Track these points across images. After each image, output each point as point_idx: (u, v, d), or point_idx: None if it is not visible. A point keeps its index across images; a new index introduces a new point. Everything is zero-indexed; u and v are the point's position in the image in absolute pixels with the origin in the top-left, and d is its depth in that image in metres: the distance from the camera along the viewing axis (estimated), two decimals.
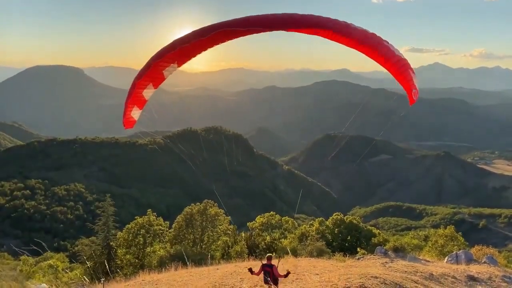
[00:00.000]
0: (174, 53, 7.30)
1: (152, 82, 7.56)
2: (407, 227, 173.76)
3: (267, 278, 10.92)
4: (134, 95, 7.27)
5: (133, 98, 7.24)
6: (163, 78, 7.89)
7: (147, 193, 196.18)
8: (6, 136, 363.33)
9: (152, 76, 7.41)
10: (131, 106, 7.34)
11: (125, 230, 32.46)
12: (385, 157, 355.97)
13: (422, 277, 15.51)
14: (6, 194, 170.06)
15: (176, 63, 7.73)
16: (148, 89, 7.65)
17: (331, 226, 34.85)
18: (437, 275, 16.00)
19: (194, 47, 7.40)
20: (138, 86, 7.28)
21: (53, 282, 5.20)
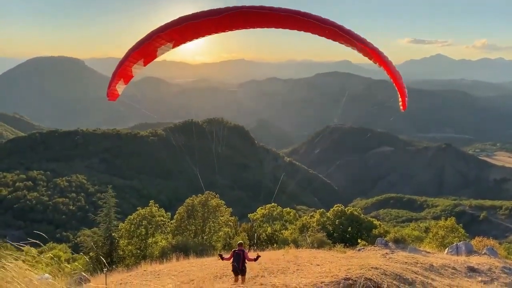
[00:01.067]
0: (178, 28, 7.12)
1: (144, 59, 7.47)
2: (408, 218, 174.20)
3: (237, 265, 11.34)
4: (124, 68, 7.17)
5: (122, 71, 7.17)
6: (155, 56, 7.75)
7: (148, 184, 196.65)
8: (7, 128, 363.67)
9: (145, 52, 7.29)
10: (118, 78, 7.29)
11: (127, 221, 32.63)
12: (386, 149, 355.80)
13: (423, 268, 15.59)
14: (9, 185, 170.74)
15: (173, 43, 7.45)
16: (138, 65, 7.56)
17: (332, 218, 34.96)
18: (437, 266, 16.08)
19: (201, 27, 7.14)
20: (130, 59, 7.16)
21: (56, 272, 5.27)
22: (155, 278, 14.16)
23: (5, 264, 4.79)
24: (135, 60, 7.21)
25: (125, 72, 7.20)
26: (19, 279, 4.56)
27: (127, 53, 7.21)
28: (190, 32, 7.24)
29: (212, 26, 7.09)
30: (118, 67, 7.17)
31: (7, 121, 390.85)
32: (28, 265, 5.03)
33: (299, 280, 12.34)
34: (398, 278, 13.54)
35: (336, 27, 7.80)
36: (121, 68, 7.13)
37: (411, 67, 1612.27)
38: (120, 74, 7.05)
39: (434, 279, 14.31)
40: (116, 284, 13.06)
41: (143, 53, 7.23)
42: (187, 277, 13.58)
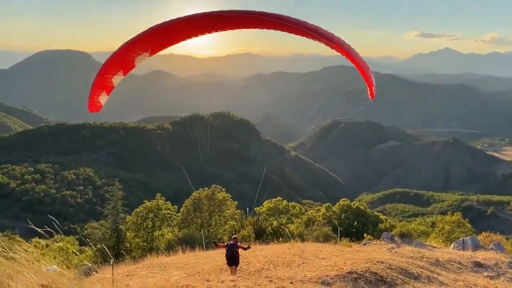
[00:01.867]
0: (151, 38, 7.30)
1: (122, 69, 7.55)
2: (414, 213, 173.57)
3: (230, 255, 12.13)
4: (104, 80, 7.22)
5: (102, 83, 7.23)
6: (133, 66, 7.88)
7: (155, 177, 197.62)
8: (16, 121, 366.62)
9: (123, 63, 7.39)
10: (100, 91, 7.33)
11: (134, 214, 32.90)
12: (393, 143, 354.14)
13: (428, 262, 15.58)
14: (17, 178, 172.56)
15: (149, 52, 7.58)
16: (118, 75, 7.64)
17: (338, 212, 34.97)
18: (443, 261, 16.05)
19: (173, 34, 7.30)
20: (109, 71, 7.25)
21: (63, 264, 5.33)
22: (161, 270, 14.29)
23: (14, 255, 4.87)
24: (114, 72, 7.28)
25: (105, 83, 7.27)
26: (29, 269, 4.64)
27: (105, 65, 7.30)
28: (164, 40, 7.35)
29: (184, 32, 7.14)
30: (97, 79, 7.24)
31: (15, 114, 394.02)
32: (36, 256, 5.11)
33: (304, 273, 12.40)
34: (404, 272, 13.56)
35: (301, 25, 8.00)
36: (100, 80, 7.18)
37: (419, 61, 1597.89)
38: (100, 86, 7.10)
39: (440, 274, 14.31)
40: (123, 276, 13.20)
41: (121, 64, 7.30)
42: (193, 269, 13.70)
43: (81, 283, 4.65)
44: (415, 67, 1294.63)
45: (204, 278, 11.24)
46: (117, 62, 7.18)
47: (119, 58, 7.29)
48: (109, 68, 7.14)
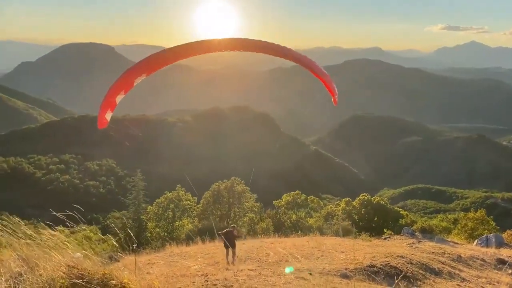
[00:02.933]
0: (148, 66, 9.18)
1: (123, 90, 8.99)
2: (436, 210, 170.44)
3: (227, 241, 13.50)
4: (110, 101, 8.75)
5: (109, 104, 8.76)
6: (132, 86, 9.35)
7: (175, 169, 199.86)
8: (42, 112, 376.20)
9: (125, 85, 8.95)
10: (106, 109, 8.79)
11: (155, 204, 33.45)
12: (415, 138, 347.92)
13: (450, 258, 15.33)
14: (43, 167, 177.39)
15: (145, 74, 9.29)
16: (120, 95, 9.04)
17: (358, 207, 34.69)
18: (466, 257, 15.78)
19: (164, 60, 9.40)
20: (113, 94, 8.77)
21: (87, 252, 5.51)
22: (181, 260, 14.50)
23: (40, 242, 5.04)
24: (118, 92, 8.84)
25: (111, 103, 8.79)
26: (56, 252, 4.79)
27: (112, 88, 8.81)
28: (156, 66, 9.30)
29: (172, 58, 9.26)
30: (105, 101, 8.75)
31: (41, 106, 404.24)
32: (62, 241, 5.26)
33: (324, 266, 12.39)
34: (425, 267, 13.40)
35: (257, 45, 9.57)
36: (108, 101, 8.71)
37: (444, 55, 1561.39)
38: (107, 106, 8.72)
39: (461, 270, 14.08)
40: (144, 264, 13.46)
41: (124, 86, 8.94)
42: (212, 259, 13.86)
43: (105, 267, 4.77)
44: (440, 61, 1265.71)
45: (223, 267, 11.37)
46: (122, 84, 8.79)
47: (123, 81, 8.84)
48: (115, 90, 8.70)
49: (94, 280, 4.22)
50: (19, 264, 4.66)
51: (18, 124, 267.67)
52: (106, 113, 8.66)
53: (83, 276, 4.23)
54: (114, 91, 8.46)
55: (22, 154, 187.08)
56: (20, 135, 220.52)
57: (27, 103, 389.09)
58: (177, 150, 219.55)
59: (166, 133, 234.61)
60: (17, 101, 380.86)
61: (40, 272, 4.30)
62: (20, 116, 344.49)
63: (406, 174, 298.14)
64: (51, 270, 4.30)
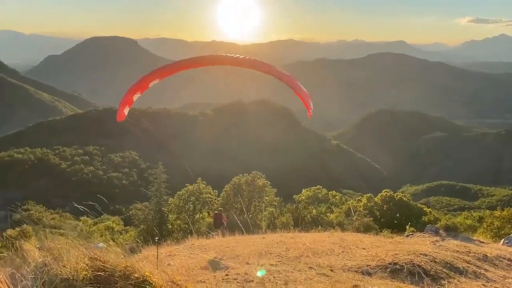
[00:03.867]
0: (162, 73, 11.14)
1: (140, 90, 10.73)
2: (460, 207, 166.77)
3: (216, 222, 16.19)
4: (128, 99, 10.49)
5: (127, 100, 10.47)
6: (148, 87, 11.18)
7: (196, 162, 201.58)
8: (67, 105, 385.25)
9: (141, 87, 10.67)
10: (124, 105, 10.53)
11: (176, 197, 33.85)
12: (440, 134, 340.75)
13: (475, 257, 14.94)
14: (67, 159, 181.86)
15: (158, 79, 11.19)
16: (136, 95, 10.85)
17: (380, 203, 34.21)
18: (492, 257, 15.34)
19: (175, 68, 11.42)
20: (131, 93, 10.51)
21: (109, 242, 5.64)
22: (202, 252, 14.60)
23: (65, 230, 5.13)
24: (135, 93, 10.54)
25: (129, 100, 10.44)
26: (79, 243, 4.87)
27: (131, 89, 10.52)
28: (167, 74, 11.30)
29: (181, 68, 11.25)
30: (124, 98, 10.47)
31: (66, 98, 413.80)
32: (85, 233, 5.34)
33: (344, 262, 12.25)
34: (449, 266, 13.09)
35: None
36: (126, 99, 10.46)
37: (471, 49, 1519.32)
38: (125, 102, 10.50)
39: (487, 270, 13.70)
40: (165, 255, 13.60)
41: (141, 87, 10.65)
42: (232, 252, 13.89)
43: (127, 259, 4.81)
44: (467, 55, 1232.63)
45: (243, 261, 11.37)
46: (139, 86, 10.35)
47: (141, 84, 10.45)
48: (133, 90, 10.39)
49: (116, 272, 4.26)
50: (44, 254, 4.75)
51: (45, 116, 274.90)
52: (124, 108, 10.15)
53: (105, 268, 4.28)
54: (132, 91, 9.97)
55: (48, 145, 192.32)
56: (46, 127, 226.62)
57: (53, 96, 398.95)
58: (198, 143, 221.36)
59: (188, 127, 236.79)
60: (43, 94, 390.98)
61: (64, 263, 4.37)
62: (47, 108, 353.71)
63: (430, 170, 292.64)
64: (74, 262, 4.37)
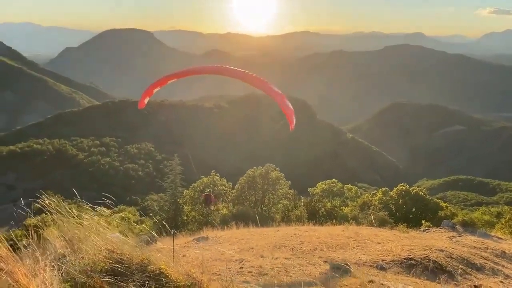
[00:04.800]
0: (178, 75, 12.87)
1: (160, 86, 12.56)
2: (478, 202, 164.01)
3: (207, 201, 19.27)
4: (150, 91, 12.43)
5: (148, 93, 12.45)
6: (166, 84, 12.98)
7: (211, 154, 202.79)
8: (84, 96, 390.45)
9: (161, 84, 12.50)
10: (145, 96, 12.47)
11: (191, 188, 34.10)
12: (458, 128, 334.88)
13: (493, 254, 14.71)
14: (85, 150, 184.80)
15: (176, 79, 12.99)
16: (156, 89, 12.73)
17: (396, 197, 33.86)
18: (510, 253, 15.09)
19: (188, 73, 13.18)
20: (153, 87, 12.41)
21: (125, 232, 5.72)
22: (216, 244, 14.70)
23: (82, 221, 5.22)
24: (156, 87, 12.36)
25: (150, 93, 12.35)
26: (96, 234, 4.95)
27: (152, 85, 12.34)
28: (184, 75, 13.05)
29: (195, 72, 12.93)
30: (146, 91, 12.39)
31: (84, 90, 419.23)
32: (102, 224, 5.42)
33: (359, 257, 12.20)
34: (466, 262, 12.93)
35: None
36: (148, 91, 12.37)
37: (492, 41, 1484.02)
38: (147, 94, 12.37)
39: (505, 266, 13.49)
40: (180, 247, 13.74)
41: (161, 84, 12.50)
42: (247, 244, 13.94)
43: (143, 251, 4.86)
44: (487, 47, 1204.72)
45: (258, 254, 11.41)
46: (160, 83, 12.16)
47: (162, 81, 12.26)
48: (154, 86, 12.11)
49: (133, 265, 4.32)
50: (63, 245, 4.84)
51: (62, 108, 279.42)
52: (145, 98, 12.21)
53: (122, 261, 4.34)
54: (154, 85, 11.98)
55: (66, 136, 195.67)
56: (64, 118, 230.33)
57: (71, 88, 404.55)
58: (213, 135, 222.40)
59: (203, 119, 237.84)
60: (61, 86, 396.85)
61: (82, 254, 4.45)
62: (65, 100, 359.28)
63: (447, 164, 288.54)
64: (92, 254, 4.44)
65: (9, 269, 3.77)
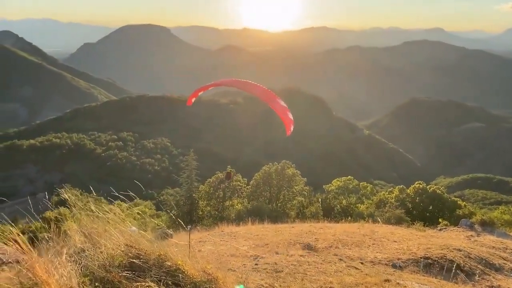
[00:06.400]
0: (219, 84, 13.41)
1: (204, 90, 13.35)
2: (497, 201, 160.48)
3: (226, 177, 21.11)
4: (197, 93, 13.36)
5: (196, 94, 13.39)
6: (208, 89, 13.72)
7: (227, 149, 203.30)
8: (102, 91, 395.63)
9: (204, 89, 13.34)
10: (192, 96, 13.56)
11: (206, 183, 34.31)
12: (477, 125, 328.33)
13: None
14: (103, 144, 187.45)
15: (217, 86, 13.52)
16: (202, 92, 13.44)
17: (412, 195, 33.43)
18: None
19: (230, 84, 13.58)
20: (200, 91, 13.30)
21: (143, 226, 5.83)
22: (231, 239, 14.78)
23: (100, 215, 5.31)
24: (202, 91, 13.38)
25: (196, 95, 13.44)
26: (114, 228, 5.03)
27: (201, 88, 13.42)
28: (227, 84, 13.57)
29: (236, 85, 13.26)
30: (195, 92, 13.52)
31: (101, 85, 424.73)
32: (121, 218, 5.50)
33: (375, 255, 12.11)
34: (484, 262, 12.72)
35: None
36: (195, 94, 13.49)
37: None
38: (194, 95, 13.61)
39: None
40: (195, 242, 13.85)
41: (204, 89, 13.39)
42: (261, 241, 13.98)
43: (160, 246, 4.92)
44: (509, 42, 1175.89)
45: (272, 250, 11.43)
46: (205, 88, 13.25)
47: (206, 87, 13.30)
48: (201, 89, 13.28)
49: (150, 260, 4.38)
50: (83, 240, 4.93)
51: (81, 103, 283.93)
52: (192, 98, 13.86)
53: (139, 256, 4.40)
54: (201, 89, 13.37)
55: (84, 131, 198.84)
56: (82, 113, 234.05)
57: (89, 83, 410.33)
58: (229, 131, 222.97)
59: (219, 115, 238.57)
60: (80, 81, 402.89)
61: (101, 249, 4.52)
62: (83, 95, 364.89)
63: (465, 162, 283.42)
64: (111, 248, 4.52)
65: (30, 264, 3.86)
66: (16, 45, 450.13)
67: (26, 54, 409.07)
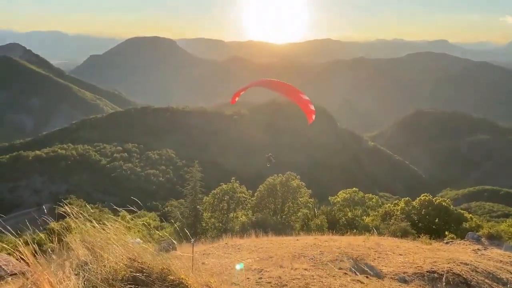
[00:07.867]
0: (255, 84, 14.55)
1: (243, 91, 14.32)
2: (505, 214, 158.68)
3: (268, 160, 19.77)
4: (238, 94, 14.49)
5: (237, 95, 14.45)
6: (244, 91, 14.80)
7: (231, 161, 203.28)
8: (107, 103, 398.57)
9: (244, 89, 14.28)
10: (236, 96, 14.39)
11: (210, 195, 34.24)
12: (483, 136, 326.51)
13: None
14: (107, 155, 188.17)
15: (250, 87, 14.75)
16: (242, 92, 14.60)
17: (418, 207, 33.15)
18: None
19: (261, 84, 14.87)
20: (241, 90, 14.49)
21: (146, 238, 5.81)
22: (235, 252, 14.69)
23: (105, 226, 5.30)
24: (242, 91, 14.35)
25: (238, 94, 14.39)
26: (117, 241, 5.01)
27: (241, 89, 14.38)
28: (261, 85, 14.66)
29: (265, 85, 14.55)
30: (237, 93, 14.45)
31: (107, 97, 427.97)
32: (124, 229, 5.48)
33: (380, 268, 11.98)
34: (491, 277, 12.54)
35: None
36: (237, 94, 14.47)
37: None
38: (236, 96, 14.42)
39: None
40: (199, 254, 13.78)
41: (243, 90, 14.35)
42: (266, 253, 13.88)
43: (163, 259, 4.89)
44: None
45: (277, 264, 11.33)
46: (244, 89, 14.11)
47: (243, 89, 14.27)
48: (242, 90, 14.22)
49: (153, 274, 4.35)
50: (85, 253, 4.92)
51: (87, 114, 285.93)
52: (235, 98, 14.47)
53: (143, 270, 4.38)
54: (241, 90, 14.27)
55: (89, 142, 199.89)
56: (88, 124, 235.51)
57: (95, 94, 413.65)
58: (234, 142, 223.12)
59: (223, 126, 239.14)
60: (86, 92, 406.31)
61: (104, 263, 4.51)
62: (89, 106, 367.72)
63: (472, 174, 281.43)
64: (113, 262, 4.50)
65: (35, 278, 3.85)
66: (24, 57, 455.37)
67: (33, 66, 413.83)
